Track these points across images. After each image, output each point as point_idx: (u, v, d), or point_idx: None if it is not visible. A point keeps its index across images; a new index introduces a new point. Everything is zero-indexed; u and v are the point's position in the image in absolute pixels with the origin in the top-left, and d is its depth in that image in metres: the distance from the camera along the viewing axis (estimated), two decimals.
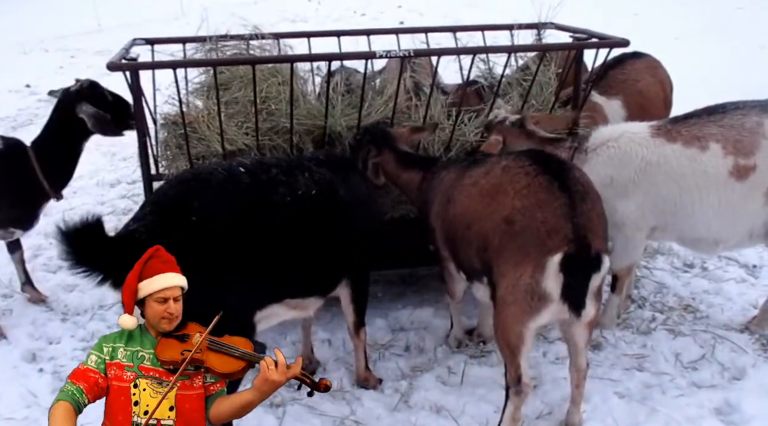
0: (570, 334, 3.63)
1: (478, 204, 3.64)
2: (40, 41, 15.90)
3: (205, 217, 3.26)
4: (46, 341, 4.72)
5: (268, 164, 3.65)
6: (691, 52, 11.47)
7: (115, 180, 7.64)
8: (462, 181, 3.89)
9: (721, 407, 3.92)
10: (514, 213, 3.39)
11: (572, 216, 3.28)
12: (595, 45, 4.56)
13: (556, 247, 3.24)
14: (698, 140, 4.10)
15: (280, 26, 14.97)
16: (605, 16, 13.05)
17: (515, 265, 3.36)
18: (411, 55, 4.29)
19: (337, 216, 3.72)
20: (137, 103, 4.28)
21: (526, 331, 3.41)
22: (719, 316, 4.79)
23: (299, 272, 3.57)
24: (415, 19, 17.00)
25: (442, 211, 4.00)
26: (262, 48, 5.16)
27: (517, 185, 3.47)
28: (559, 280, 3.26)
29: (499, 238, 3.43)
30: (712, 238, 4.27)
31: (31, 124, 9.93)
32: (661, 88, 5.61)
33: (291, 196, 3.51)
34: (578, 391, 3.73)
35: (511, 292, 3.37)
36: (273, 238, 3.43)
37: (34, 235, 6.26)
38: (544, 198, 3.36)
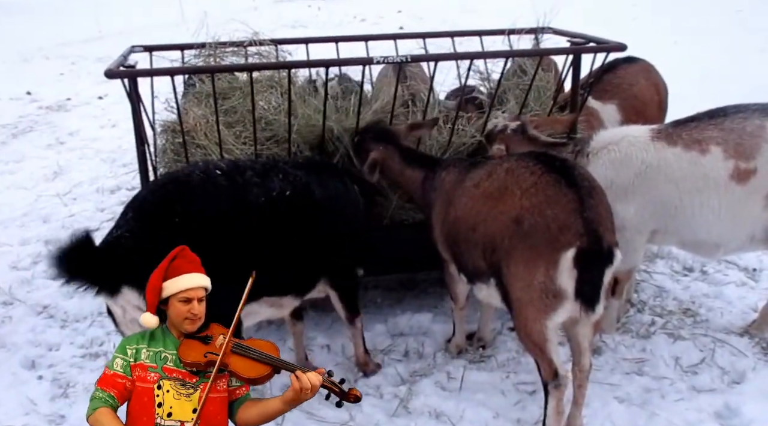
0: (575, 334, 3.61)
1: (482, 206, 3.65)
2: (40, 48, 15.96)
3: (187, 218, 3.30)
4: (45, 348, 4.72)
5: (243, 167, 3.70)
6: (691, 55, 11.49)
7: (115, 186, 7.65)
8: (463, 183, 3.90)
9: (720, 411, 3.91)
10: (523, 212, 3.40)
11: (582, 211, 3.30)
12: (592, 50, 4.57)
13: (568, 243, 3.26)
14: (699, 144, 4.09)
15: (280, 32, 14.98)
16: (604, 21, 13.06)
17: (528, 265, 3.36)
18: (408, 60, 4.30)
19: (312, 217, 3.75)
20: (135, 110, 4.28)
21: (547, 329, 3.42)
22: (719, 320, 4.78)
23: (274, 271, 3.61)
24: (415, 24, 17.04)
25: (443, 213, 4.00)
26: (261, 55, 5.17)
27: (523, 185, 3.48)
28: (573, 276, 3.28)
29: (509, 239, 3.43)
30: (713, 241, 4.26)
31: (31, 132, 9.99)
32: (656, 92, 5.62)
33: (265, 197, 3.56)
34: (580, 391, 3.71)
35: (527, 292, 3.38)
36: (249, 237, 3.48)
37: (34, 242, 6.30)
38: (552, 195, 3.38)
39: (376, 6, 20.45)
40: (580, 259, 3.24)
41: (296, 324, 4.31)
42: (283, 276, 3.71)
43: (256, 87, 4.56)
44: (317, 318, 4.79)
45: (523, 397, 4.08)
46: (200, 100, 4.84)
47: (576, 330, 3.58)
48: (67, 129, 10.04)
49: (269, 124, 4.60)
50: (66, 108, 11.30)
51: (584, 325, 3.52)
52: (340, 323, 4.59)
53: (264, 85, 4.80)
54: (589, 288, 3.32)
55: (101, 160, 8.60)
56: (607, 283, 3.41)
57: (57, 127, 10.13)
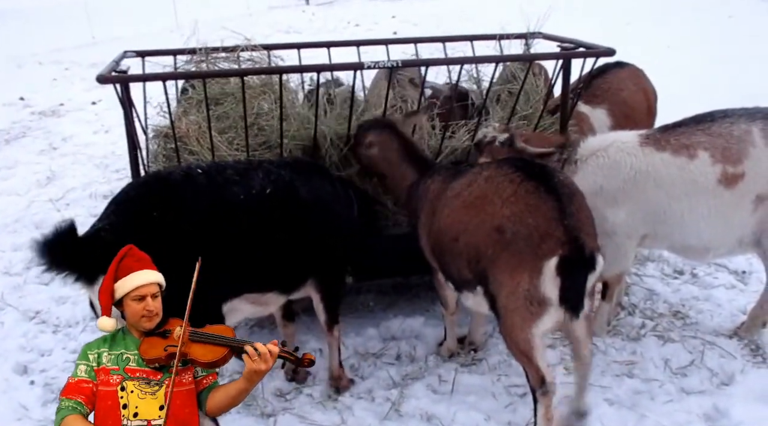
0: (571, 330, 3.62)
1: (464, 215, 3.63)
2: (34, 54, 15.98)
3: (165, 213, 3.35)
4: (37, 353, 4.72)
5: (224, 166, 3.75)
6: (683, 60, 11.56)
7: (108, 192, 7.63)
8: (445, 193, 3.89)
9: (709, 413, 3.93)
10: (504, 221, 3.39)
11: (562, 219, 3.30)
12: (581, 54, 4.61)
13: (551, 251, 3.26)
14: (687, 149, 4.12)
15: (274, 38, 15.05)
16: (598, 26, 13.14)
17: (512, 273, 3.36)
18: (399, 65, 4.33)
19: (295, 215, 3.77)
20: (128, 116, 4.30)
21: (533, 337, 3.41)
22: (708, 323, 4.81)
23: (254, 267, 3.65)
24: (408, 29, 17.11)
25: (428, 222, 3.99)
26: (253, 60, 5.19)
27: (503, 194, 3.47)
28: (556, 284, 3.28)
29: (492, 248, 3.43)
30: (702, 245, 4.29)
31: (24, 137, 9.99)
32: (645, 97, 5.65)
33: (245, 195, 3.61)
34: (584, 380, 3.75)
35: (512, 300, 3.38)
36: (228, 234, 3.52)
37: (26, 248, 6.24)
38: (532, 203, 3.37)
39: (370, 12, 20.53)
40: (562, 266, 3.25)
41: (288, 325, 4.33)
42: (264, 273, 3.73)
43: (249, 93, 4.59)
44: (309, 322, 4.80)
45: (514, 399, 4.10)
46: (192, 106, 4.86)
47: (570, 326, 3.56)
48: (60, 134, 10.04)
49: (261, 130, 4.62)
50: (59, 113, 11.31)
51: (577, 322, 3.51)
52: None
53: (256, 91, 4.82)
54: (573, 295, 3.32)
55: (94, 166, 8.61)
56: (590, 287, 3.42)
57: (50, 133, 10.14)
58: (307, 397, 4.15)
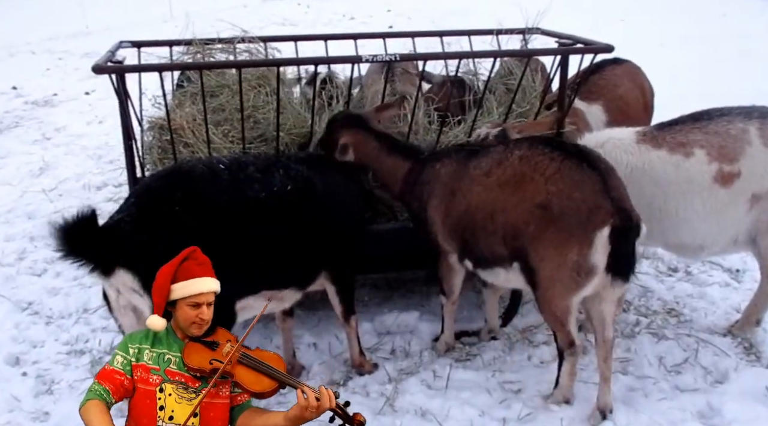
0: (599, 310, 3.80)
1: (499, 194, 3.76)
2: (27, 43, 15.84)
3: (187, 208, 3.31)
4: (29, 345, 4.69)
5: (246, 162, 3.72)
6: (676, 58, 11.57)
7: (102, 183, 7.61)
8: (467, 172, 3.95)
9: (703, 411, 3.94)
10: (551, 198, 3.56)
11: (608, 191, 3.51)
12: (580, 50, 4.60)
13: (602, 222, 3.47)
14: (683, 147, 4.13)
15: (269, 30, 14.98)
16: (592, 22, 13.14)
17: (559, 247, 3.55)
18: (397, 59, 4.30)
19: (313, 211, 3.78)
20: (123, 106, 4.26)
21: (573, 304, 3.68)
22: (702, 320, 4.82)
23: (274, 264, 3.64)
24: (403, 23, 17.08)
25: (446, 204, 4.04)
26: (250, 53, 5.16)
27: (546, 171, 3.61)
28: (605, 253, 3.50)
29: (535, 225, 3.60)
30: (697, 244, 4.30)
31: (17, 127, 9.91)
32: (641, 93, 5.65)
33: (266, 191, 3.60)
34: (606, 365, 3.84)
35: (557, 271, 3.59)
36: (249, 231, 3.51)
37: (19, 239, 6.26)
38: (578, 179, 3.55)
39: (365, 5, 20.45)
40: (614, 236, 3.46)
41: (286, 320, 4.31)
42: (284, 270, 3.73)
43: (244, 85, 4.55)
44: (304, 316, 4.79)
45: (509, 395, 4.10)
46: (187, 98, 4.82)
47: (601, 306, 3.78)
48: (54, 124, 9.96)
49: (257, 123, 4.59)
50: (52, 103, 11.22)
51: (609, 300, 3.76)
52: (327, 322, 4.61)
53: (252, 84, 4.79)
54: (625, 261, 3.57)
55: (88, 157, 8.55)
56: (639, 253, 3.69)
57: (43, 123, 10.05)
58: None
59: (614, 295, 3.76)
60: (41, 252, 5.97)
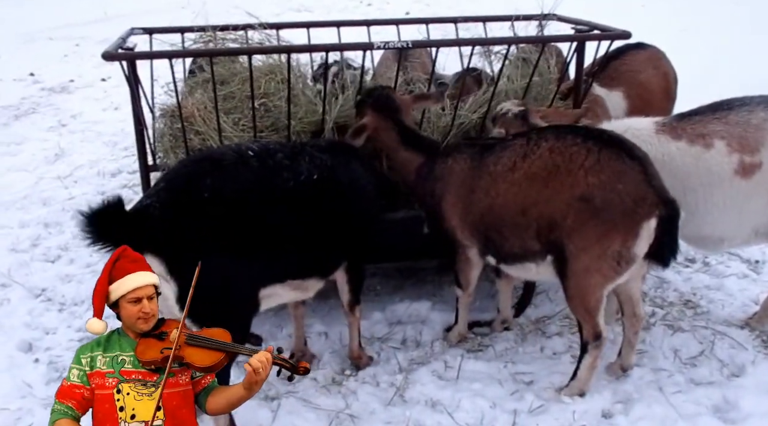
0: (627, 289, 3.89)
1: (529, 189, 3.70)
2: (45, 30, 15.87)
3: (215, 194, 3.31)
4: (42, 331, 4.71)
5: (274, 149, 3.70)
6: (697, 45, 11.35)
7: (116, 170, 7.62)
8: (486, 168, 3.89)
9: (719, 404, 3.88)
10: (591, 190, 3.52)
11: (650, 180, 3.50)
12: (596, 37, 4.51)
13: (648, 213, 3.48)
14: (703, 138, 4.04)
15: (286, 17, 14.94)
16: (612, 8, 12.93)
17: (600, 238, 3.54)
18: (409, 46, 4.24)
19: (336, 201, 3.76)
20: (134, 94, 4.24)
21: (605, 294, 3.70)
22: (719, 312, 4.74)
23: (301, 254, 3.64)
24: (420, 9, 16.91)
25: (465, 202, 3.99)
26: (262, 41, 5.11)
27: (585, 163, 3.56)
28: (649, 242, 3.53)
29: (574, 217, 3.56)
30: (717, 236, 4.22)
31: (33, 113, 9.95)
32: (664, 80, 5.53)
33: (294, 181, 3.58)
34: (636, 336, 4.00)
35: (595, 261, 3.58)
36: (276, 219, 3.50)
37: (34, 225, 6.29)
38: (620, 169, 3.52)
39: None
40: (660, 226, 3.49)
41: (298, 307, 4.29)
42: (308, 259, 3.72)
43: (256, 73, 4.51)
44: (315, 305, 4.77)
45: (520, 387, 4.06)
46: (199, 85, 4.79)
47: (629, 285, 3.85)
48: (70, 111, 9.99)
49: (268, 111, 4.55)
50: (69, 90, 11.25)
51: (636, 278, 3.84)
52: (338, 311, 4.57)
53: (264, 71, 4.74)
54: (669, 249, 3.60)
55: (103, 143, 8.57)
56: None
57: (59, 110, 10.08)
58: (312, 381, 4.12)
59: (642, 272, 3.85)
60: (55, 239, 6.00)
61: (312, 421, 3.81)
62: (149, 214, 3.18)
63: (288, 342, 4.47)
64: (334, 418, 3.82)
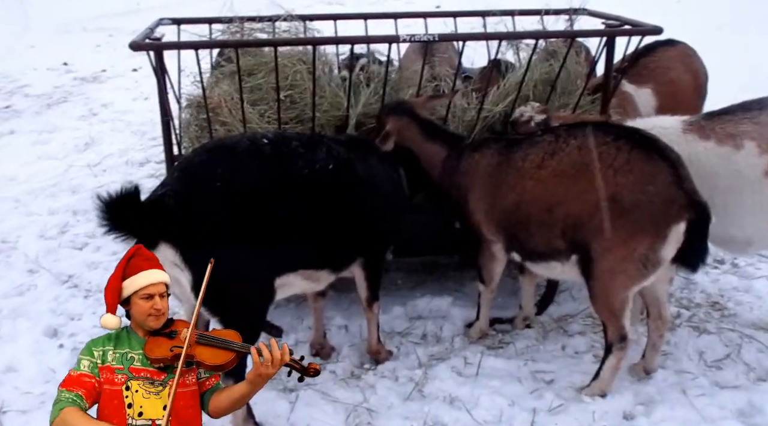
0: (653, 291, 3.83)
1: (557, 186, 3.66)
2: (79, 20, 16.05)
3: (229, 183, 3.32)
4: (67, 317, 4.77)
5: (290, 138, 3.71)
6: (732, 43, 11.11)
7: (144, 159, 7.70)
8: (514, 164, 3.86)
9: (743, 408, 3.80)
10: (621, 190, 3.46)
11: (681, 183, 3.43)
12: (626, 32, 4.44)
13: (678, 217, 3.41)
14: (732, 138, 3.95)
15: (316, 9, 14.88)
16: (647, 3, 12.71)
17: (626, 240, 3.47)
18: (436, 39, 4.21)
19: (351, 195, 3.75)
20: (160, 84, 4.26)
21: (630, 296, 3.64)
22: (747, 315, 4.65)
23: (313, 244, 3.63)
24: (452, 3, 16.78)
25: (490, 197, 3.97)
26: (290, 32, 5.11)
27: (615, 162, 3.50)
28: (677, 246, 3.46)
29: (601, 217, 3.49)
30: (745, 238, 4.12)
31: (65, 102, 10.08)
32: (694, 78, 5.43)
33: (309, 169, 3.57)
34: (661, 339, 3.96)
35: (621, 263, 3.52)
36: (290, 208, 3.50)
37: (63, 212, 6.37)
38: (650, 170, 3.45)
39: None
40: (689, 230, 3.42)
41: (318, 299, 4.29)
42: (321, 250, 3.72)
43: (284, 64, 4.51)
44: (336, 298, 4.77)
45: (540, 385, 4.02)
46: (225, 76, 4.81)
47: (656, 287, 3.79)
48: (101, 100, 10.11)
49: (294, 103, 4.55)
50: (100, 79, 11.38)
51: (663, 280, 3.77)
52: (359, 304, 4.56)
53: (290, 62, 4.74)
54: (698, 254, 3.53)
55: (132, 133, 8.66)
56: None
57: (90, 99, 10.21)
58: (330, 374, 4.13)
59: (668, 275, 3.77)
60: (83, 226, 6.08)
61: (330, 414, 3.81)
62: (164, 204, 3.20)
63: (308, 334, 4.48)
64: (351, 412, 3.82)
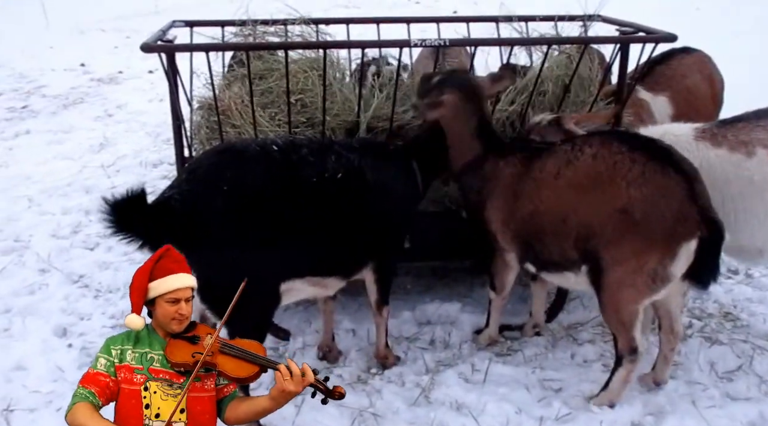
0: (666, 304, 3.78)
1: (572, 196, 3.61)
2: (97, 21, 16.20)
3: (236, 187, 3.32)
4: (77, 317, 4.79)
5: (300, 144, 3.70)
6: (749, 51, 11.02)
7: (158, 160, 7.74)
8: (532, 174, 3.80)
9: (755, 421, 3.74)
10: (633, 203, 3.40)
11: (695, 199, 3.35)
12: (640, 39, 4.38)
13: (689, 234, 3.34)
14: (744, 145, 3.91)
15: (334, 12, 14.95)
16: (665, 10, 12.64)
17: (637, 253, 3.42)
18: (447, 44, 4.18)
19: (361, 202, 3.72)
20: (172, 86, 4.28)
21: (641, 309, 3.58)
22: (761, 326, 4.58)
23: (321, 251, 3.62)
24: (469, 8, 16.76)
25: (509, 207, 3.90)
26: (303, 36, 5.11)
27: (628, 174, 3.44)
28: (688, 263, 3.39)
29: (613, 230, 3.45)
30: (756, 247, 4.07)
31: (81, 103, 10.16)
32: (710, 85, 5.39)
33: (317, 176, 3.56)
34: (673, 352, 3.91)
35: (630, 276, 3.46)
36: (297, 214, 3.49)
37: (75, 212, 6.41)
38: (663, 184, 3.38)
39: None
40: (700, 248, 3.35)
41: (327, 302, 4.27)
42: (329, 257, 3.71)
43: (295, 68, 4.51)
44: (344, 302, 4.76)
45: (548, 393, 3.98)
46: (237, 79, 4.81)
47: (668, 301, 3.74)
48: (116, 102, 10.19)
49: (305, 107, 4.54)
50: (117, 81, 11.48)
51: (676, 295, 3.71)
52: (368, 309, 4.55)
53: (302, 66, 4.73)
54: (708, 272, 3.46)
55: (146, 134, 8.71)
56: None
57: (106, 100, 10.30)
58: (337, 378, 4.10)
59: (682, 289, 3.72)
60: (95, 226, 6.11)
61: (335, 418, 3.80)
62: (170, 206, 3.21)
63: (316, 337, 4.47)
64: (357, 416, 3.80)
